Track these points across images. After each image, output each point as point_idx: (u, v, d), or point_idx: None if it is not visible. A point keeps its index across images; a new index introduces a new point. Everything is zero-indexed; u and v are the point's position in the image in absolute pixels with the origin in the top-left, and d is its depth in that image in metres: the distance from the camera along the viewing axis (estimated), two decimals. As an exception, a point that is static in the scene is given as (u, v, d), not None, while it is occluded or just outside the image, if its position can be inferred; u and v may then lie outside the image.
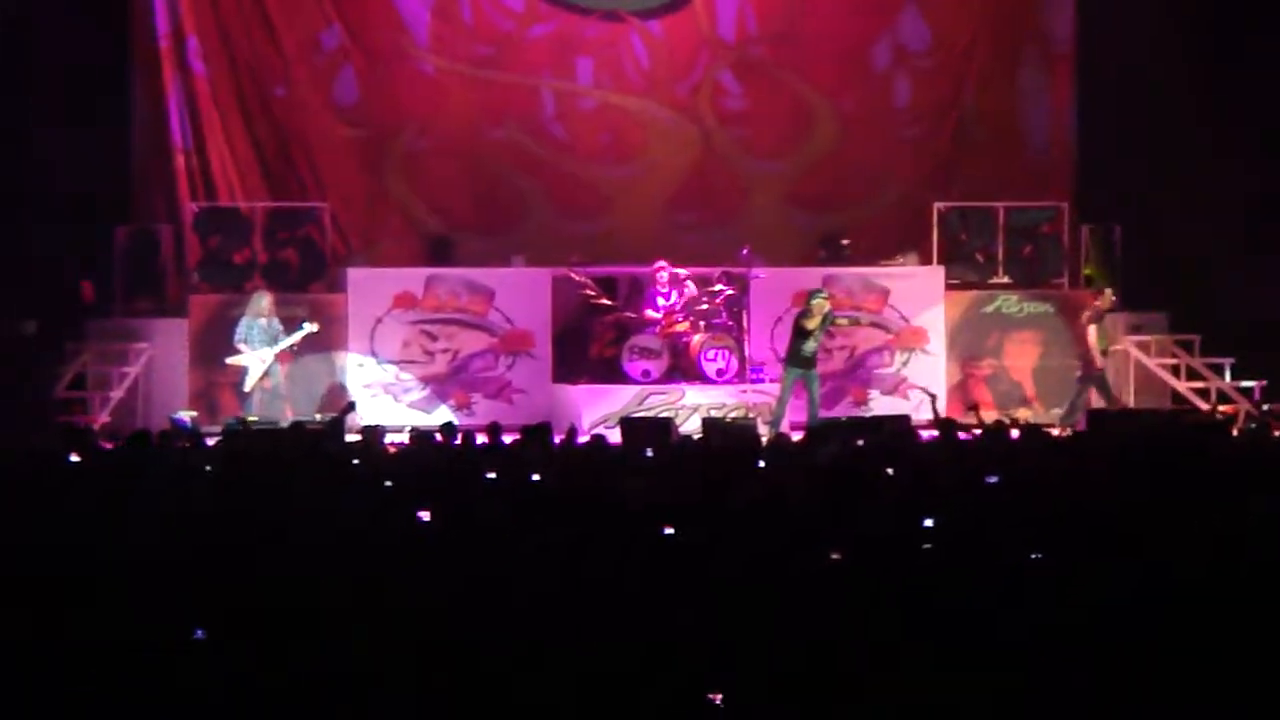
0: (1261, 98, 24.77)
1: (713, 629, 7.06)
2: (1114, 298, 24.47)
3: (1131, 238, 25.90)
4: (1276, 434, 19.44)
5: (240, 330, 23.39)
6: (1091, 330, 24.00)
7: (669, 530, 9.50)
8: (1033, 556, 8.80)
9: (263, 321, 23.34)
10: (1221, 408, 23.87)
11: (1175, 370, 24.98)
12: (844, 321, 23.80)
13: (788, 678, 6.56)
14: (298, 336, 23.45)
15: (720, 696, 6.47)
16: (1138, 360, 25.13)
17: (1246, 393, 24.34)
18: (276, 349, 23.30)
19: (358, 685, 6.54)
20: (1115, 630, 7.02)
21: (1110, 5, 26.59)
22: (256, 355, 23.19)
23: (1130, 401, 24.62)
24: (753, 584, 7.78)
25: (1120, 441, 16.56)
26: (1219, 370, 24.76)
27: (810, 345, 22.59)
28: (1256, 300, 24.27)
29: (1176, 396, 24.70)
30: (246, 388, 23.32)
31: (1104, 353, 23.99)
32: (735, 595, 7.53)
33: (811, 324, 22.50)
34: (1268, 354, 24.32)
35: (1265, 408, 23.81)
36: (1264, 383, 24.31)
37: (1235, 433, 19.97)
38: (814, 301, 22.69)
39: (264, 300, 23.49)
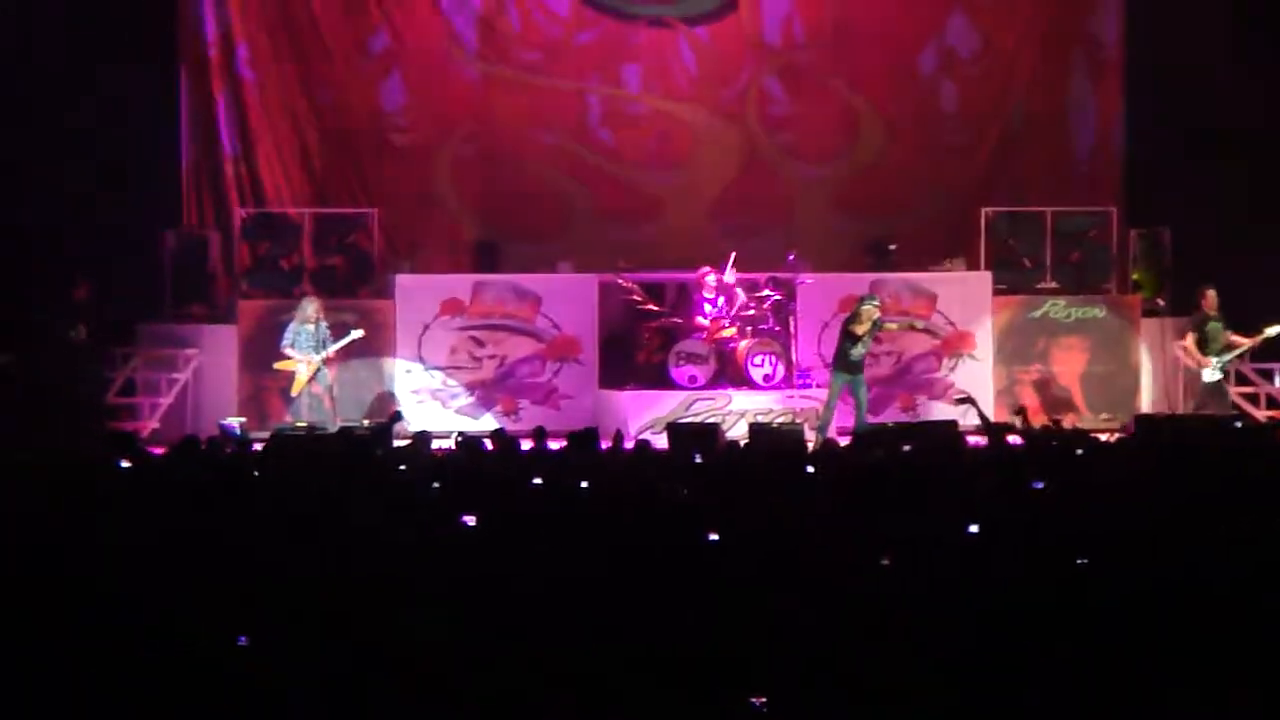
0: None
1: (752, 632, 7.06)
2: (1215, 298, 23.63)
3: (1181, 242, 25.80)
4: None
5: (288, 335, 23.30)
6: (1189, 338, 23.70)
7: (713, 536, 9.49)
8: (1078, 562, 8.78)
9: (310, 327, 23.28)
10: (1270, 413, 23.80)
11: (1226, 376, 24.87)
12: (893, 326, 23.69)
13: (829, 680, 6.57)
14: (344, 342, 23.42)
15: (764, 700, 6.47)
16: (1186, 365, 25.06)
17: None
18: (324, 354, 23.29)
19: (394, 683, 6.54)
20: (1146, 632, 7.03)
21: (1159, 8, 26.52)
22: (303, 360, 23.20)
23: (1180, 407, 24.55)
24: (792, 588, 7.79)
25: (1166, 444, 16.53)
26: (1268, 375, 24.67)
27: (858, 350, 22.48)
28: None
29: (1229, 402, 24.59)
30: (293, 393, 23.35)
31: (1215, 354, 23.66)
32: (773, 598, 7.54)
33: (860, 329, 22.39)
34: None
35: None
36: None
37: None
38: (864, 307, 22.56)
39: (311, 306, 23.43)
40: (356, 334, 23.54)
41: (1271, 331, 23.10)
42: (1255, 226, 24.86)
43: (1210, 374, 23.21)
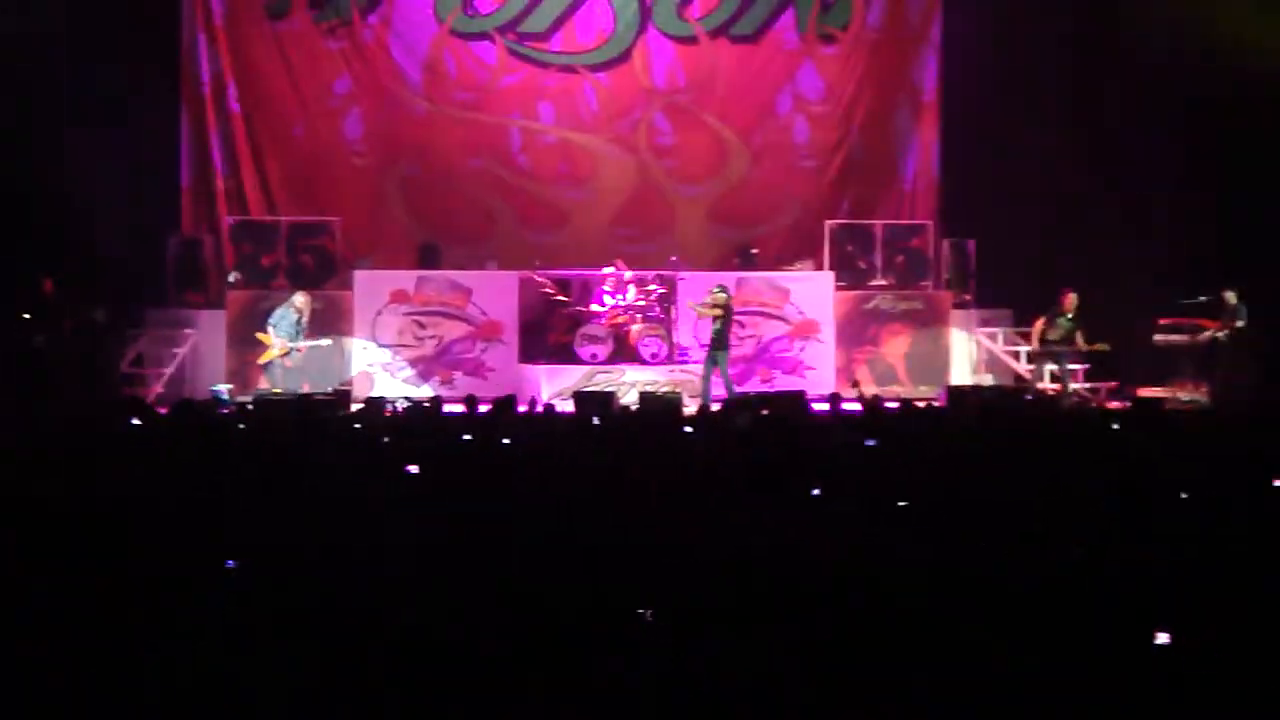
0: (1081, 137, 24.93)
1: (640, 556, 7.02)
2: (1075, 301, 23.62)
3: (983, 249, 25.98)
4: (1092, 406, 19.62)
5: (275, 315, 23.40)
6: (1039, 322, 23.81)
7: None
8: (900, 504, 8.79)
9: (294, 316, 23.35)
10: (1054, 386, 23.94)
11: (1016, 355, 25.04)
12: (700, 308, 23.65)
13: (702, 596, 6.51)
14: (313, 344, 23.47)
15: (650, 612, 6.40)
16: (989, 348, 25.20)
17: (1072, 373, 24.41)
18: (295, 344, 23.28)
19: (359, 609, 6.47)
20: (970, 562, 7.02)
21: (966, 64, 26.69)
22: (278, 340, 23.18)
23: (982, 380, 24.70)
24: (672, 523, 7.75)
25: (972, 410, 16.65)
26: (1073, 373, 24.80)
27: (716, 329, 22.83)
28: (1088, 300, 24.44)
29: (1018, 377, 24.73)
30: (260, 361, 23.35)
31: (1044, 341, 23.72)
32: (657, 534, 7.50)
33: (707, 312, 22.82)
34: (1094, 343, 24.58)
35: (1087, 386, 23.97)
36: (1086, 366, 24.40)
37: (1063, 404, 20.07)
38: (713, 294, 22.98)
39: (300, 298, 23.56)
40: (325, 341, 23.63)
41: (1098, 347, 23.34)
42: (1043, 238, 25.02)
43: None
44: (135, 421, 14.48)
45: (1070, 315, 23.40)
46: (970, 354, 25.54)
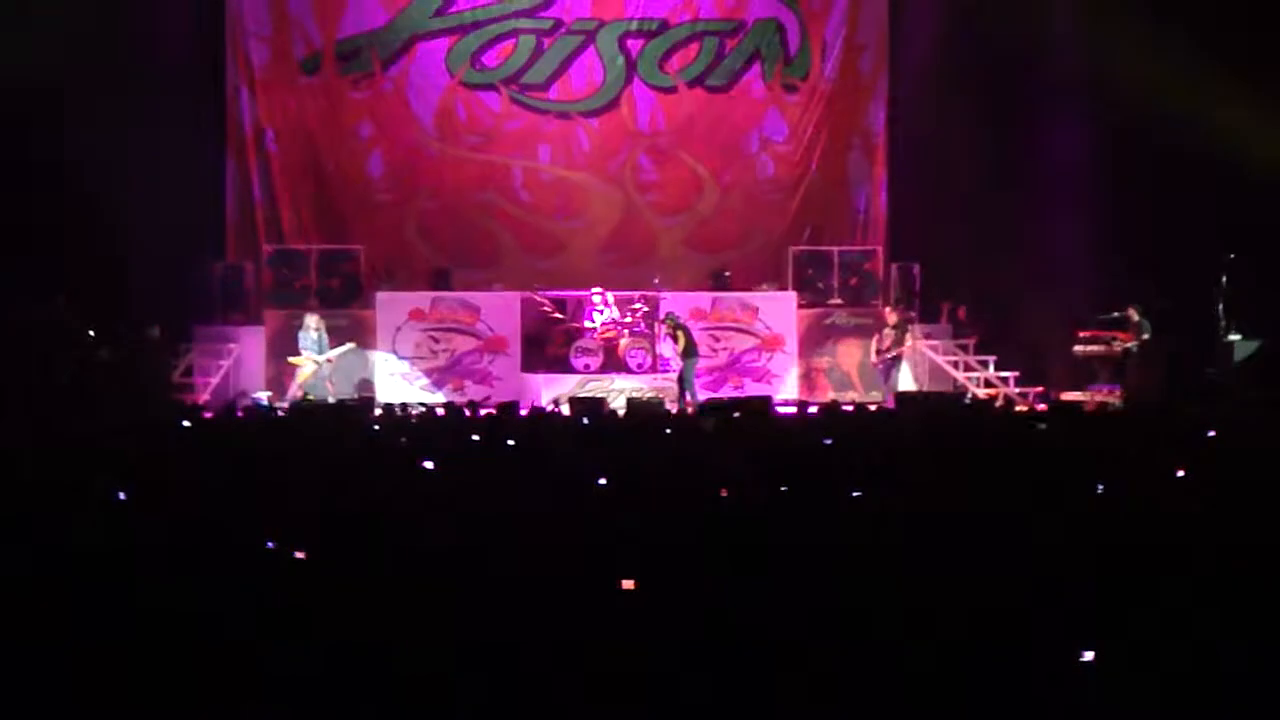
0: (1011, 174, 25.06)
1: (622, 538, 7.04)
2: (901, 314, 24.37)
3: (926, 272, 26.06)
4: (1020, 409, 19.71)
5: (300, 339, 23.61)
6: (875, 337, 24.25)
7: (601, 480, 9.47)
8: (854, 495, 8.80)
9: (313, 334, 23.58)
10: (988, 391, 24.02)
11: (956, 364, 25.09)
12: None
13: (685, 570, 6.49)
14: (340, 351, 23.68)
15: (632, 582, 6.31)
16: (931, 358, 25.25)
17: (1004, 380, 24.52)
18: (324, 357, 23.47)
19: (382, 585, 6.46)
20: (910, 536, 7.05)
21: (911, 110, 26.85)
22: (309, 359, 23.38)
23: (926, 386, 24.75)
24: (651, 514, 7.77)
25: (919, 413, 16.69)
26: (986, 365, 24.91)
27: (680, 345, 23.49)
28: (1018, 317, 24.62)
29: (957, 384, 24.79)
30: (299, 382, 23.47)
31: (881, 351, 24.02)
32: (639, 521, 7.52)
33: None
34: (1021, 354, 24.74)
35: (1017, 391, 24.05)
36: (1016, 373, 24.51)
37: (996, 406, 20.13)
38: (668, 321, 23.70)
39: (310, 319, 23.83)
40: (350, 346, 23.81)
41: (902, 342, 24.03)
42: (978, 262, 25.11)
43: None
44: (185, 423, 14.57)
45: (894, 325, 23.87)
46: (914, 364, 25.57)
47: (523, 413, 16.03)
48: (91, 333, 22.08)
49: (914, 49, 27.27)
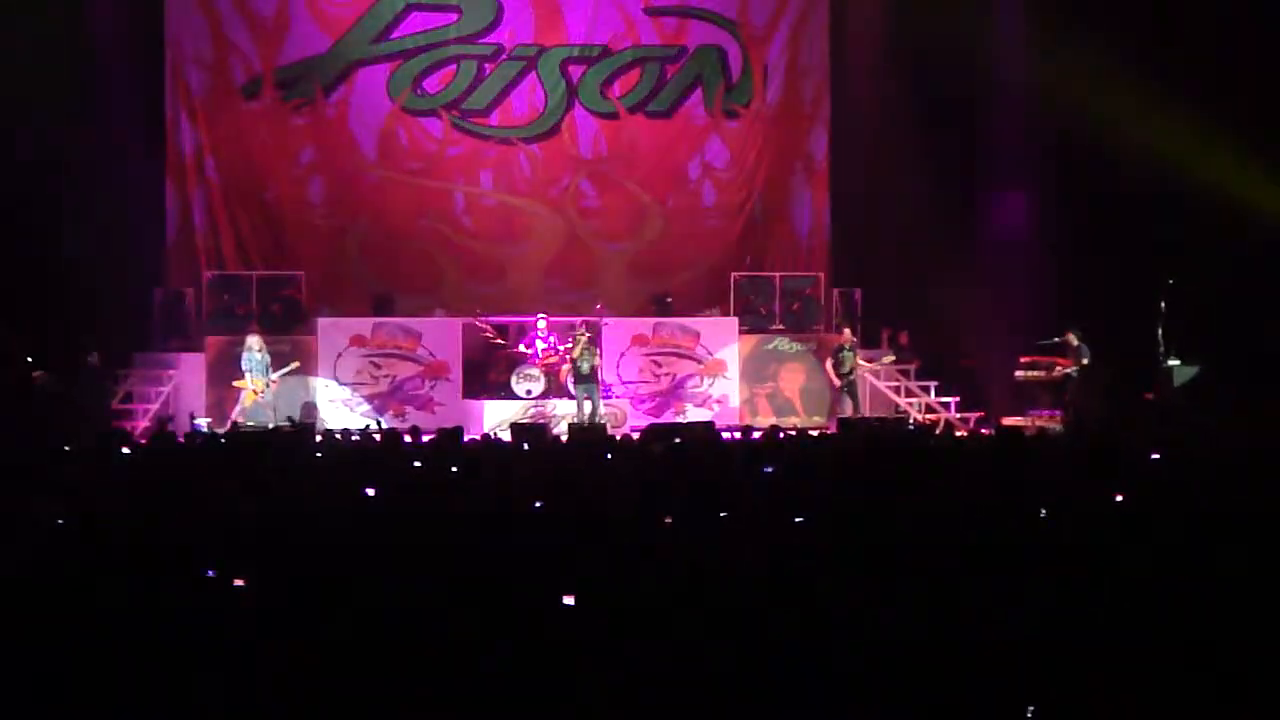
0: (950, 201, 25.21)
1: (565, 564, 7.01)
2: (853, 337, 24.48)
3: (867, 297, 26.12)
4: (959, 433, 19.82)
5: (244, 363, 23.40)
6: (829, 361, 24.35)
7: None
8: (796, 520, 8.80)
9: (257, 355, 23.38)
10: (930, 416, 24.10)
11: (897, 390, 25.15)
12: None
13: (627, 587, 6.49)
14: (284, 371, 23.55)
15: (572, 599, 6.37)
16: (872, 383, 25.28)
17: (945, 405, 24.60)
18: (269, 378, 23.32)
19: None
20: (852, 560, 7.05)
21: (852, 137, 26.98)
22: (252, 382, 23.20)
23: (867, 411, 24.77)
24: (596, 538, 7.74)
25: (860, 438, 16.71)
26: (927, 390, 24.98)
27: (583, 366, 23.41)
28: (957, 344, 24.72)
29: (898, 409, 24.85)
30: (244, 405, 23.29)
31: (843, 375, 24.12)
32: (582, 547, 7.49)
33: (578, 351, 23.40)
34: (962, 379, 24.87)
35: (958, 416, 24.13)
36: (957, 398, 24.61)
37: (937, 432, 20.18)
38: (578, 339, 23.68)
39: (252, 339, 23.54)
40: (293, 365, 23.66)
41: (886, 359, 24.36)
42: (917, 288, 25.23)
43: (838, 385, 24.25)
44: (123, 450, 14.49)
45: (849, 347, 24.09)
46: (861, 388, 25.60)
47: (466, 438, 15.97)
48: (29, 358, 21.93)
49: (856, 75, 27.39)
